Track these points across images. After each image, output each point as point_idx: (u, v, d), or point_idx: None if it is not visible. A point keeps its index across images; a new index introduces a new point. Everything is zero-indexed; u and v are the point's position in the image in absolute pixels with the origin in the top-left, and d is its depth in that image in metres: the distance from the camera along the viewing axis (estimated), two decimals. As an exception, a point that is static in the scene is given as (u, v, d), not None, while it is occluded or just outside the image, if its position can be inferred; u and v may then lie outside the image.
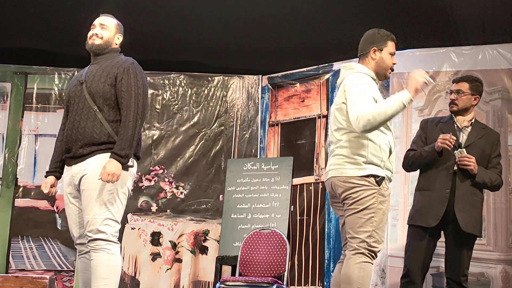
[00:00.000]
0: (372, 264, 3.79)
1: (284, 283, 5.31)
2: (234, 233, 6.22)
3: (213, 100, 6.96)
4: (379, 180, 3.74)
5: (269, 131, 6.93)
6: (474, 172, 4.34)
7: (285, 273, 5.40)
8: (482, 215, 4.53)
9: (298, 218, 6.61)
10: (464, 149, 4.38)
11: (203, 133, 6.88)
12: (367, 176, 3.74)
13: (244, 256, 5.62)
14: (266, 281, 5.17)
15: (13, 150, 6.71)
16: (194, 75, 7.00)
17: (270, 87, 6.97)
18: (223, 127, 6.92)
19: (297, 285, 6.45)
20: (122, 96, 3.76)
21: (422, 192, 4.53)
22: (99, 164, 3.70)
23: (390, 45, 3.98)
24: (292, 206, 6.44)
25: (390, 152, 3.84)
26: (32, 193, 6.64)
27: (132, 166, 3.80)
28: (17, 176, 6.67)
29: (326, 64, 6.54)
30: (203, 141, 6.87)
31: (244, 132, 6.92)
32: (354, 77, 3.85)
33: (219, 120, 6.92)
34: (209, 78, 7.00)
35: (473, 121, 4.57)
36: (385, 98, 5.38)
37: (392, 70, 4.05)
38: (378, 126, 3.67)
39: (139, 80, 3.80)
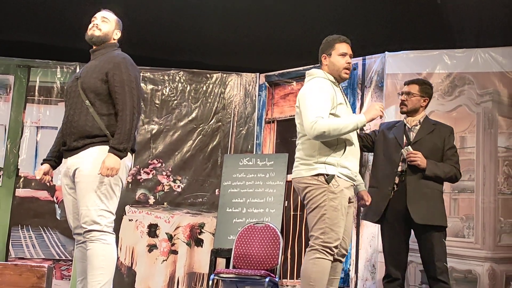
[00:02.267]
0: (328, 260, 3.88)
1: (277, 276, 5.30)
2: (229, 226, 6.22)
3: (211, 97, 6.95)
4: (328, 178, 3.84)
5: (265, 128, 6.92)
6: (422, 167, 4.35)
7: (278, 267, 5.39)
8: (441, 205, 4.47)
9: (292, 213, 6.62)
10: (409, 147, 4.42)
11: (200, 128, 6.88)
12: (317, 175, 3.88)
13: (238, 249, 5.61)
14: (259, 274, 5.16)
15: (15, 141, 6.70)
16: (193, 72, 6.99)
17: (267, 85, 6.97)
18: (220, 123, 6.91)
19: (289, 279, 6.45)
20: (116, 91, 3.75)
21: (370, 190, 4.56)
22: (91, 156, 3.70)
23: (338, 47, 4.09)
24: (286, 202, 6.44)
25: (345, 150, 3.93)
26: (33, 184, 6.63)
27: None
28: (18, 167, 6.66)
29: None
30: (200, 136, 6.87)
31: (241, 129, 6.91)
32: (309, 84, 4.03)
33: (216, 116, 6.91)
34: (208, 75, 7.00)
35: (421, 120, 4.60)
36: (372, 98, 5.50)
37: (348, 69, 4.11)
38: (329, 139, 3.83)
39: (131, 74, 3.79)
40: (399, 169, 4.45)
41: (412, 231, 4.54)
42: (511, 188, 5.42)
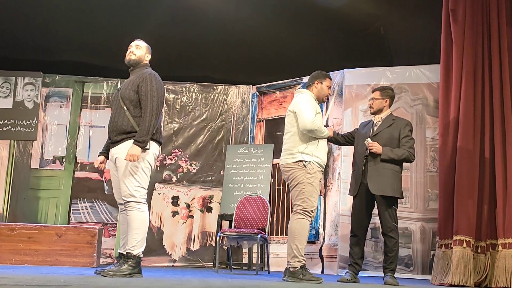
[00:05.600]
0: (307, 220, 3.99)
1: (266, 233, 5.31)
2: (231, 197, 6.21)
3: (217, 103, 6.93)
4: (306, 163, 4.01)
5: (257, 126, 6.92)
6: (379, 153, 4.29)
7: (267, 226, 5.39)
8: (394, 181, 4.29)
9: (276, 187, 6.63)
10: (369, 139, 4.37)
11: (209, 126, 6.86)
12: (298, 161, 4.04)
13: (238, 214, 5.60)
14: (253, 232, 5.16)
15: (73, 137, 6.68)
16: (203, 85, 6.96)
17: (258, 94, 6.95)
18: (224, 122, 6.89)
19: (275, 235, 6.46)
20: (142, 99, 3.75)
21: (352, 172, 4.56)
22: (127, 148, 3.69)
23: (328, 81, 4.31)
24: (273, 179, 6.44)
25: (318, 144, 4.10)
26: (87, 168, 6.61)
27: (148, 149, 3.73)
28: (76, 155, 6.64)
29: (297, 78, 6.52)
30: (209, 132, 6.85)
31: (239, 126, 6.89)
32: (301, 96, 4.22)
33: (221, 117, 6.89)
34: (214, 87, 6.97)
35: (383, 117, 4.51)
36: (335, 103, 5.48)
37: (328, 97, 4.45)
38: (314, 136, 4.05)
39: (153, 86, 3.76)
40: (365, 154, 4.39)
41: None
42: (435, 167, 5.44)
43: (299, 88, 4.44)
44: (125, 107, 3.77)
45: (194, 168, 6.74)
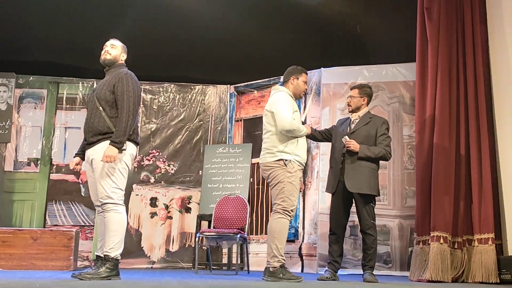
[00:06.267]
0: (287, 219, 3.97)
1: (245, 233, 5.30)
2: (210, 197, 6.19)
3: (195, 103, 6.89)
4: (286, 162, 3.98)
5: (235, 125, 6.90)
6: (356, 151, 4.30)
7: (246, 226, 5.38)
8: (370, 179, 4.29)
9: (255, 187, 6.63)
10: (346, 136, 4.37)
11: (187, 126, 6.82)
12: (278, 160, 4.00)
13: (217, 214, 5.58)
14: (232, 232, 5.14)
15: (48, 138, 6.58)
16: (181, 85, 6.92)
17: (236, 93, 6.94)
18: (202, 122, 6.86)
19: (254, 234, 6.46)
20: (118, 99, 3.70)
21: (330, 169, 4.56)
22: (103, 149, 3.65)
23: (304, 76, 4.26)
24: (251, 179, 6.43)
25: (298, 143, 4.07)
26: (63, 170, 6.51)
27: (125, 149, 3.69)
28: (52, 157, 6.54)
29: (275, 77, 6.53)
30: (187, 132, 6.81)
31: (217, 126, 6.87)
32: (277, 95, 4.15)
33: (199, 117, 6.86)
34: (192, 87, 6.94)
35: (361, 115, 4.52)
36: (313, 102, 5.50)
37: (305, 93, 4.38)
38: (292, 135, 4.01)
39: (130, 86, 3.72)
40: (343, 152, 4.39)
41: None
42: (413, 165, 5.49)
43: (275, 86, 4.39)
44: (101, 107, 3.72)
45: (172, 169, 6.70)
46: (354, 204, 4.41)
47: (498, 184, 4.54)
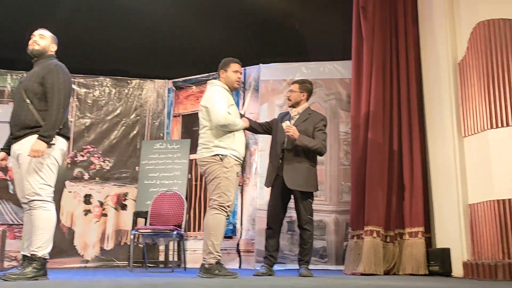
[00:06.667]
0: (223, 215, 3.92)
1: (182, 229, 5.23)
2: (146, 194, 6.07)
3: (131, 97, 6.74)
4: (222, 157, 3.93)
5: (173, 121, 6.81)
6: (295, 137, 4.30)
7: (183, 223, 5.31)
8: (309, 177, 4.34)
9: (193, 183, 6.57)
10: (288, 121, 4.39)
11: (123, 121, 6.66)
12: (214, 155, 3.95)
13: (154, 211, 5.48)
14: (168, 229, 5.07)
15: (-26, 133, 6.22)
16: (117, 79, 6.76)
17: (174, 88, 6.84)
18: (139, 117, 6.72)
19: (192, 231, 6.40)
20: (48, 91, 3.54)
21: (268, 163, 4.56)
22: (30, 143, 3.48)
23: (233, 66, 4.18)
24: (189, 175, 6.37)
25: (235, 137, 4.02)
26: (-10, 166, 6.18)
27: (54, 144, 3.54)
28: (-23, 153, 6.18)
29: (214, 72, 6.45)
30: (124, 127, 6.65)
31: (155, 121, 6.75)
32: (212, 89, 4.10)
33: (136, 112, 6.72)
34: (128, 81, 6.78)
35: (300, 110, 4.54)
36: (251, 98, 5.48)
37: (239, 82, 4.23)
38: (227, 130, 3.95)
39: (60, 78, 3.57)
40: (283, 147, 4.39)
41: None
42: (349, 161, 5.59)
43: (210, 80, 4.32)
44: (28, 100, 3.55)
45: (107, 165, 6.52)
46: (292, 200, 4.43)
47: (428, 180, 4.70)
